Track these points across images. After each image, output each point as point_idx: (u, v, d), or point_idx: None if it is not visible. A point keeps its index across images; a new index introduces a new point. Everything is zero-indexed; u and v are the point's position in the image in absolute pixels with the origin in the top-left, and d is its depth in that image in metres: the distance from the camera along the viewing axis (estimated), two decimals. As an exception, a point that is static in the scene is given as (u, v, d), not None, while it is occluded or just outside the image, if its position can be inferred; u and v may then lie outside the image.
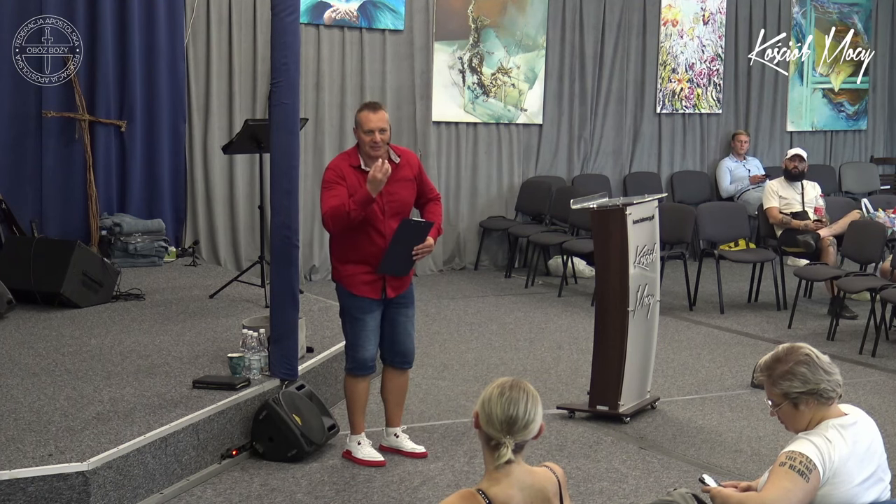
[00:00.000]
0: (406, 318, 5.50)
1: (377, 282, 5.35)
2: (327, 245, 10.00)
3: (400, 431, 5.65)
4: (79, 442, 4.72)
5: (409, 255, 5.32)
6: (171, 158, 9.37)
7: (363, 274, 5.34)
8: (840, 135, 13.43)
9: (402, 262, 5.34)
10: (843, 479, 3.38)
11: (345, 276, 5.39)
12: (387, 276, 5.36)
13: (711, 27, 12.28)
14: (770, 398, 3.52)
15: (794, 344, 3.55)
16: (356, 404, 5.50)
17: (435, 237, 5.41)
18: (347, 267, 5.37)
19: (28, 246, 7.61)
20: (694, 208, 10.10)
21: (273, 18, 5.64)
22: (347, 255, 5.37)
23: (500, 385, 3.00)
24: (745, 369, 7.30)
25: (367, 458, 5.46)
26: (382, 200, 5.27)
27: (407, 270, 5.43)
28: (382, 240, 5.30)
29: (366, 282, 5.35)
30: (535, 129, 11.31)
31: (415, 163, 5.53)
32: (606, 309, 6.24)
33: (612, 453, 5.73)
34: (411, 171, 5.45)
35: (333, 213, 5.23)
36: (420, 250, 5.32)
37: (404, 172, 5.40)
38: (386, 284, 5.37)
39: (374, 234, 5.30)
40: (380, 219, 5.29)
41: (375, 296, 5.37)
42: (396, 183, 5.33)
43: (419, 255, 5.34)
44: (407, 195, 5.42)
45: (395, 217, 5.33)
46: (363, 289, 5.36)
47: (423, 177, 5.53)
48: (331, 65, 10.05)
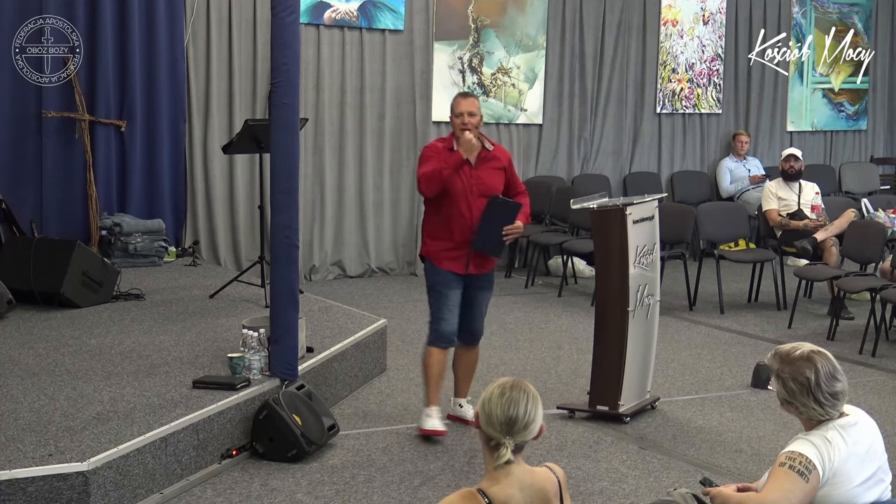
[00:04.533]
0: (482, 299, 6.00)
1: (461, 258, 5.81)
2: (327, 245, 10.17)
3: (465, 402, 6.11)
4: (79, 442, 4.72)
5: (500, 236, 5.77)
6: (171, 158, 9.37)
7: (449, 250, 5.81)
8: (840, 135, 13.43)
9: (494, 241, 5.79)
10: (843, 480, 3.38)
11: (432, 252, 5.88)
12: (472, 253, 5.78)
13: (711, 27, 12.28)
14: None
15: (814, 353, 3.45)
16: (431, 377, 5.88)
17: (524, 223, 5.86)
18: (435, 242, 5.86)
19: (28, 246, 7.60)
20: (694, 208, 10.10)
21: (273, 18, 5.63)
22: (436, 231, 5.86)
23: (501, 385, 3.00)
24: (745, 369, 7.30)
25: (428, 427, 5.80)
26: (470, 180, 5.78)
27: (499, 251, 5.97)
28: (469, 216, 5.75)
29: (451, 257, 5.81)
30: (535, 129, 11.31)
31: (506, 157, 6.02)
32: (606, 309, 6.24)
33: (612, 453, 5.73)
34: (503, 163, 5.94)
35: (428, 175, 5.74)
36: (510, 231, 5.76)
37: (495, 161, 5.90)
38: (469, 262, 5.81)
39: (463, 209, 5.76)
40: (468, 196, 5.76)
41: (459, 270, 5.82)
42: (486, 168, 5.85)
43: (509, 236, 5.77)
44: (494, 181, 5.86)
45: (482, 197, 5.77)
46: (448, 263, 5.82)
47: (512, 171, 6.00)
48: (331, 65, 10.06)
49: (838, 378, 3.44)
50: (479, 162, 5.84)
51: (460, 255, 5.81)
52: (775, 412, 5.93)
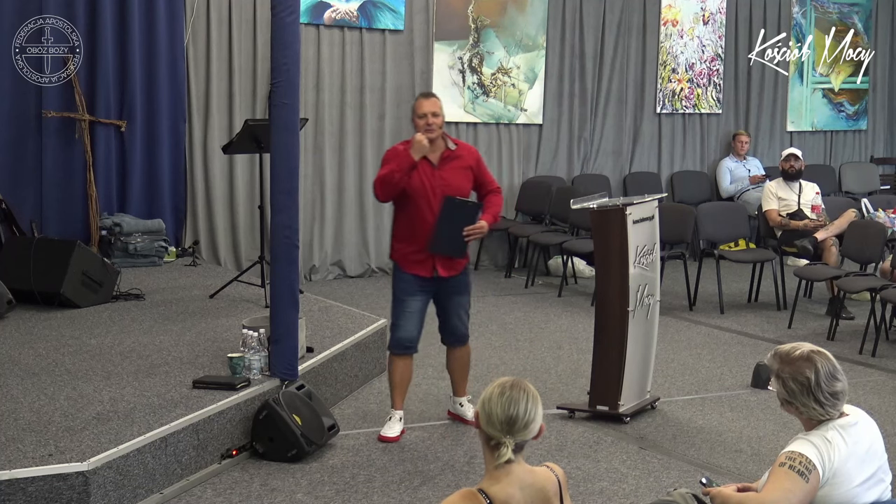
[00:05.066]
0: (457, 303, 5.87)
1: (427, 260, 5.71)
2: (327, 245, 10.16)
3: (465, 401, 6.10)
4: (79, 442, 4.72)
5: (461, 237, 5.64)
6: (171, 158, 9.37)
7: (414, 252, 5.72)
8: (840, 135, 13.43)
9: (453, 242, 5.65)
10: (843, 480, 3.38)
11: (399, 254, 5.79)
12: (438, 256, 5.68)
13: (711, 27, 12.28)
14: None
15: (813, 353, 3.46)
16: (392, 382, 5.89)
17: (490, 223, 5.76)
18: (402, 245, 5.77)
19: (28, 246, 7.60)
20: (694, 208, 10.09)
21: (273, 18, 5.64)
22: (402, 234, 5.78)
23: (501, 385, 3.00)
24: (746, 369, 7.30)
25: (384, 433, 5.80)
26: (433, 181, 5.68)
27: (460, 252, 5.75)
28: (433, 218, 5.65)
29: (417, 260, 5.72)
30: (535, 129, 11.31)
31: (474, 155, 5.92)
32: (606, 309, 6.23)
33: (612, 453, 5.73)
34: (469, 162, 5.83)
35: (381, 179, 5.67)
36: (471, 231, 5.65)
37: (461, 161, 5.80)
38: (436, 264, 5.71)
39: (426, 212, 5.66)
40: (431, 199, 5.66)
41: (426, 273, 5.73)
42: (449, 168, 5.75)
43: (471, 236, 5.66)
44: (460, 182, 5.76)
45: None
46: (414, 267, 5.74)
47: (481, 169, 5.90)
48: (331, 65, 10.06)
49: (838, 377, 3.44)
50: (441, 162, 5.74)
51: (426, 258, 5.72)
52: (775, 412, 5.93)
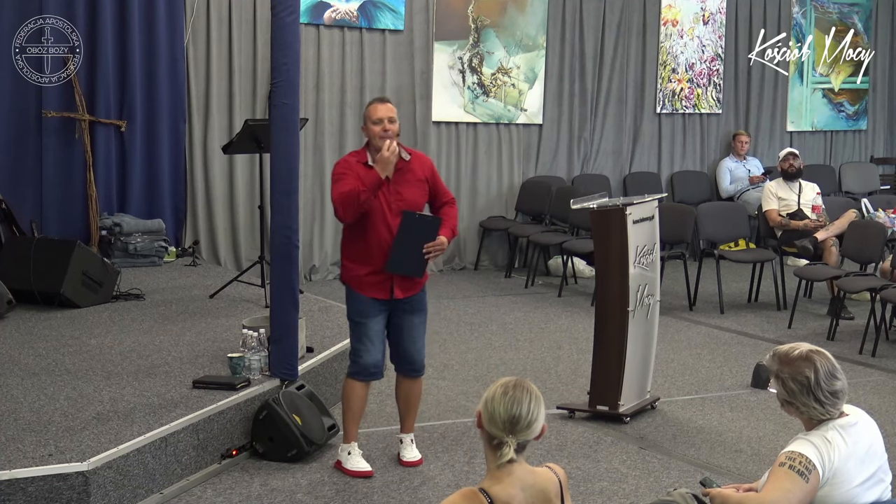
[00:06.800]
0: (412, 325, 5.35)
1: (385, 282, 5.23)
2: (327, 245, 10.15)
3: (407, 438, 5.52)
4: (79, 442, 4.72)
5: (420, 254, 5.18)
6: (171, 158, 9.37)
7: (371, 274, 5.22)
8: (840, 135, 13.43)
9: (412, 260, 5.19)
10: (843, 480, 3.38)
11: (353, 276, 5.28)
12: (396, 276, 5.22)
13: (711, 27, 12.28)
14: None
15: (812, 353, 3.46)
16: (350, 411, 5.35)
17: (449, 238, 5.30)
18: (356, 266, 5.26)
19: (28, 246, 7.60)
20: (694, 208, 10.10)
21: (273, 18, 5.63)
22: (355, 254, 5.27)
23: (504, 384, 3.00)
24: (745, 369, 7.30)
25: (355, 468, 5.31)
26: (389, 197, 5.19)
27: (419, 271, 5.27)
28: (390, 237, 5.18)
29: (373, 283, 5.24)
30: (535, 129, 11.31)
31: (427, 165, 5.41)
32: (606, 309, 6.23)
33: (612, 453, 5.73)
34: (423, 173, 5.34)
35: (344, 198, 5.12)
36: (431, 248, 5.19)
37: (415, 173, 5.30)
38: (394, 285, 5.24)
39: (382, 230, 5.18)
40: (387, 215, 5.18)
41: (383, 296, 5.24)
42: (405, 182, 5.25)
43: (431, 253, 5.20)
44: (415, 195, 5.29)
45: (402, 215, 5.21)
46: (370, 290, 5.24)
47: (436, 180, 5.42)
48: (331, 65, 10.06)
49: (838, 376, 3.44)
50: (396, 174, 5.22)
51: (383, 280, 5.21)
52: (775, 412, 5.93)
